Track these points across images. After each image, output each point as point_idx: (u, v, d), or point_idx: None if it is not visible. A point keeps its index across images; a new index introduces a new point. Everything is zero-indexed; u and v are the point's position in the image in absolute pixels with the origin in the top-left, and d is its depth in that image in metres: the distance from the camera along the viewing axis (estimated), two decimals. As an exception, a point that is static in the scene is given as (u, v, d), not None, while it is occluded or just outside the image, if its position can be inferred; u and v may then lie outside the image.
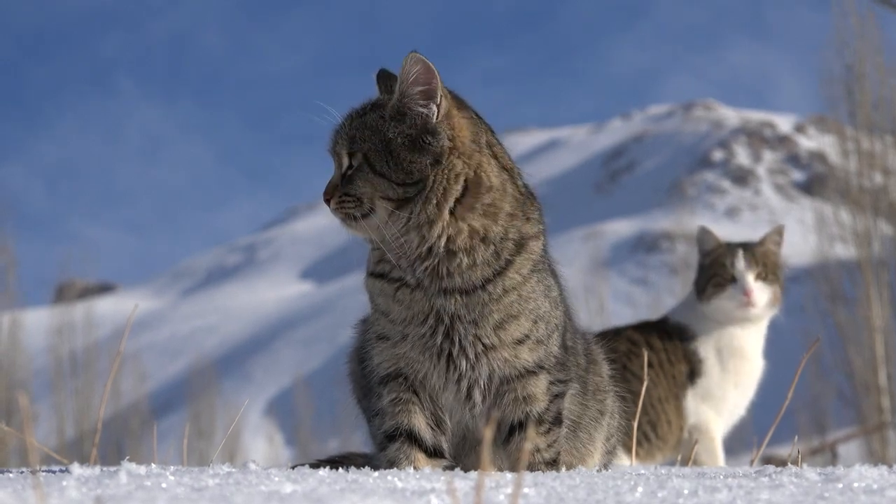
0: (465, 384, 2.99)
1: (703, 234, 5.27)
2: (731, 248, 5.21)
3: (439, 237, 2.91)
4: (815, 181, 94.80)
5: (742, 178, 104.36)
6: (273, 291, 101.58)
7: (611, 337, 5.32)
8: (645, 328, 5.44)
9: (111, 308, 65.69)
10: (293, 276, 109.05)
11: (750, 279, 5.12)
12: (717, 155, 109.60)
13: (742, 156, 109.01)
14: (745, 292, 5.10)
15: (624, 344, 5.26)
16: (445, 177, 2.91)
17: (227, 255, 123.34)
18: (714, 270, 5.19)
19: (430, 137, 2.92)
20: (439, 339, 2.95)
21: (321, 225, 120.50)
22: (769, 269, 5.22)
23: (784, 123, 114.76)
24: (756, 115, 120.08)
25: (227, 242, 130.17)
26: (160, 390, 66.89)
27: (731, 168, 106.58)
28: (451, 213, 2.92)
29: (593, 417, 3.34)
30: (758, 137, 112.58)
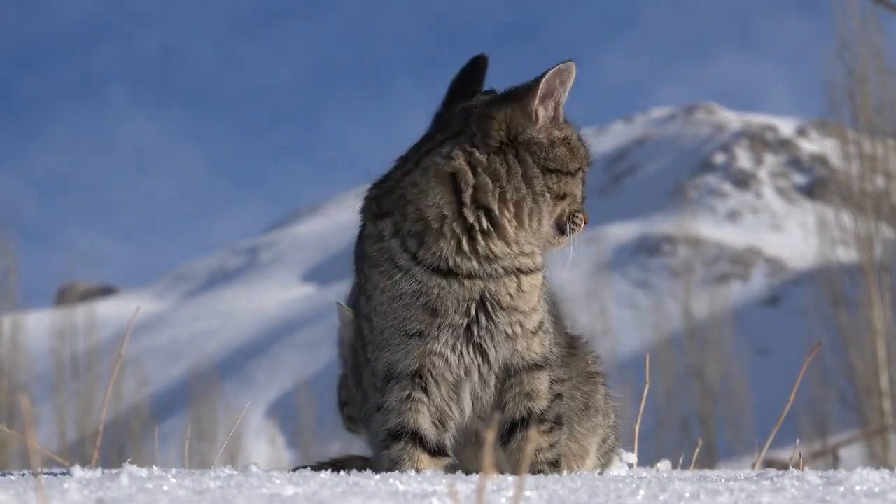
0: (485, 369, 3.00)
1: None
2: None
3: None
4: (816, 184, 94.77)
5: (744, 181, 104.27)
6: (275, 294, 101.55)
7: None
8: None
9: (113, 311, 65.72)
10: (295, 279, 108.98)
11: None
12: (719, 158, 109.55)
13: (744, 159, 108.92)
14: None
15: None
16: None
17: (229, 257, 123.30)
18: None
19: None
20: (475, 328, 2.95)
21: (323, 228, 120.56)
22: None
23: (786, 127, 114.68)
24: (758, 119, 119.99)
25: (229, 245, 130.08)
26: (161, 393, 66.89)
27: (732, 171, 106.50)
28: None
29: (578, 409, 3.32)
30: (759, 141, 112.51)
